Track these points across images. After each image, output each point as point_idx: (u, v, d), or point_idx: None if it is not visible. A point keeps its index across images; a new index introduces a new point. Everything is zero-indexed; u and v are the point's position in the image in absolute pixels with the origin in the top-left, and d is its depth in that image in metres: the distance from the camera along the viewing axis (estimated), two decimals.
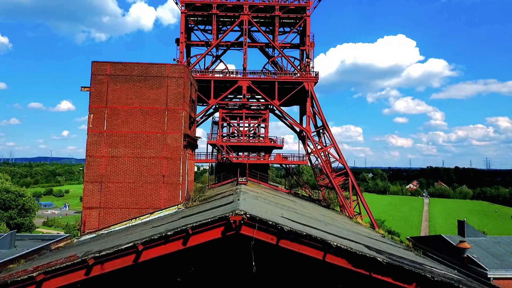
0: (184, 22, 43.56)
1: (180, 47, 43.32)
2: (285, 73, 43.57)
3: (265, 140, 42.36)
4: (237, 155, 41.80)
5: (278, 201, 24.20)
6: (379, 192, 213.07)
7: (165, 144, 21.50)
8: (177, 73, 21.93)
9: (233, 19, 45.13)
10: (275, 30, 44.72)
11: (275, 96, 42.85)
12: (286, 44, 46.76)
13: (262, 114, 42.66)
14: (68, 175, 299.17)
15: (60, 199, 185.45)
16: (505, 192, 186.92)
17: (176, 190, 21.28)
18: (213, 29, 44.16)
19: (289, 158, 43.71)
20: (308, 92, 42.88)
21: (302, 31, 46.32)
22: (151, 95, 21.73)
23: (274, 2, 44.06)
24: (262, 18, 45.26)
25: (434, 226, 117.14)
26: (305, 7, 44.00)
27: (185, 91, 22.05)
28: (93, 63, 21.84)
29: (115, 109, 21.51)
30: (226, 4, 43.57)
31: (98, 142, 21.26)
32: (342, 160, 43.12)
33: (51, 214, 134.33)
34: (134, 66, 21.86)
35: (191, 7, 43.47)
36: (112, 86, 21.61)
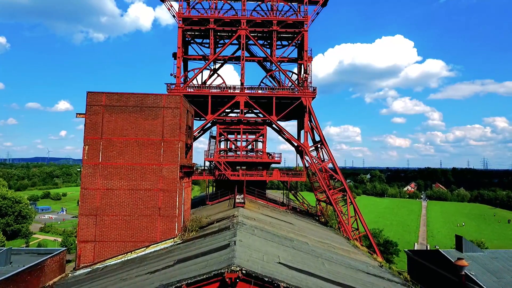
0: (181, 36, 43.25)
1: (177, 62, 43.02)
2: (283, 88, 43.36)
3: (263, 155, 42.16)
4: (234, 171, 41.54)
5: (276, 229, 23.99)
6: (377, 194, 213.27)
7: (161, 176, 21.26)
8: (173, 103, 21.69)
9: (230, 33, 44.89)
10: (272, 44, 44.49)
11: (273, 110, 42.65)
12: (284, 59, 46.56)
13: (259, 129, 42.44)
14: (65, 177, 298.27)
15: (57, 202, 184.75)
16: (503, 195, 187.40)
17: (172, 222, 21.05)
18: (211, 43, 43.87)
19: (288, 174, 43.52)
20: (306, 108, 42.70)
21: (300, 45, 46.12)
22: (147, 126, 21.48)
23: (271, 17, 43.83)
24: (260, 32, 45.02)
25: (432, 231, 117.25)
26: (303, 21, 43.78)
27: (181, 121, 21.81)
28: (88, 94, 21.57)
29: (110, 141, 21.25)
30: (223, 19, 43.32)
31: (93, 174, 21.00)
32: (340, 176, 42.97)
33: (48, 219, 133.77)
34: (129, 96, 21.61)
35: (188, 21, 43.18)
36: (107, 117, 21.35)
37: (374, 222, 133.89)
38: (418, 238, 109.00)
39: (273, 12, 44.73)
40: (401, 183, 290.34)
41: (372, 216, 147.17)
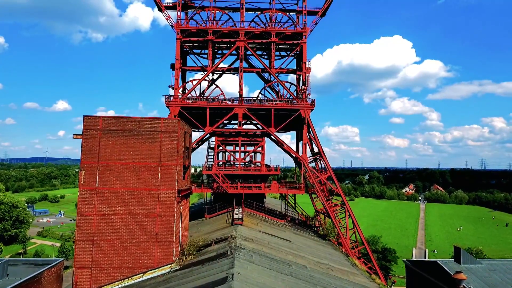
0: (180, 47, 43.02)
1: (175, 73, 42.80)
2: (282, 100, 43.21)
3: (261, 168, 42.00)
4: (232, 184, 41.39)
5: (274, 252, 23.83)
6: (376, 196, 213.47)
7: (158, 201, 21.09)
8: (171, 127, 21.51)
9: (229, 44, 44.72)
10: (271, 55, 44.32)
11: (271, 122, 42.51)
12: (283, 70, 46.39)
13: (258, 141, 42.29)
14: (63, 178, 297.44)
15: (55, 205, 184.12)
16: (500, 197, 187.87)
17: (169, 248, 20.89)
18: (209, 55, 43.70)
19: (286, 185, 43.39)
20: (304, 120, 42.56)
21: (299, 55, 45.96)
22: (144, 150, 21.30)
23: (270, 28, 43.67)
24: (259, 43, 44.85)
25: (430, 235, 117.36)
26: (302, 33, 43.64)
27: (178, 145, 21.64)
28: (85, 118, 21.37)
29: (107, 165, 21.07)
30: (222, 30, 43.12)
31: (90, 199, 20.81)
32: (338, 189, 42.85)
33: (46, 223, 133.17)
34: (126, 120, 21.41)
35: (186, 33, 42.97)
36: (104, 141, 21.16)
37: (372, 225, 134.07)
38: (416, 243, 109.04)
39: (272, 23, 44.59)
40: (400, 185, 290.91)
41: (370, 219, 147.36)
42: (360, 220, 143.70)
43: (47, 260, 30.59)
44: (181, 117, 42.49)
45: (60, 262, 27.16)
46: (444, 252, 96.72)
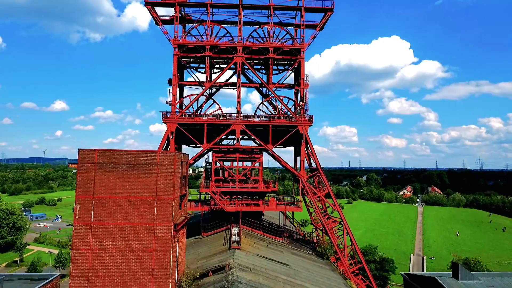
0: (177, 63, 42.71)
1: (172, 89, 42.50)
2: (279, 116, 42.97)
3: (259, 184, 41.77)
4: (230, 200, 41.19)
5: (272, 282, 23.62)
6: (374, 199, 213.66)
7: (154, 235, 20.83)
8: (167, 160, 21.24)
9: (226, 60, 44.46)
10: (269, 70, 44.08)
11: (269, 138, 42.31)
12: (281, 85, 46.14)
13: (255, 158, 42.04)
14: (61, 179, 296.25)
15: (52, 208, 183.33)
16: (498, 200, 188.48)
17: (166, 283, 20.62)
18: (206, 70, 43.41)
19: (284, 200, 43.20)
20: (302, 136, 42.36)
21: (297, 70, 45.73)
22: (140, 184, 21.02)
23: (268, 43, 43.41)
24: (256, 59, 44.60)
25: (428, 241, 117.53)
26: (299, 49, 43.41)
27: (175, 179, 21.37)
28: (80, 151, 21.07)
29: (102, 199, 20.78)
30: (219, 46, 42.84)
31: (85, 234, 20.52)
32: (336, 207, 42.67)
33: (43, 228, 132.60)
34: (122, 154, 21.12)
35: (183, 48, 42.66)
36: (99, 175, 20.87)
37: (370, 230, 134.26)
38: (414, 248, 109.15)
39: (270, 38, 44.32)
40: (397, 186, 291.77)
41: (368, 223, 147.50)
42: (358, 224, 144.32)
43: (43, 275, 30.31)
44: (178, 133, 42.26)
45: (56, 277, 26.89)
46: (441, 259, 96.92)
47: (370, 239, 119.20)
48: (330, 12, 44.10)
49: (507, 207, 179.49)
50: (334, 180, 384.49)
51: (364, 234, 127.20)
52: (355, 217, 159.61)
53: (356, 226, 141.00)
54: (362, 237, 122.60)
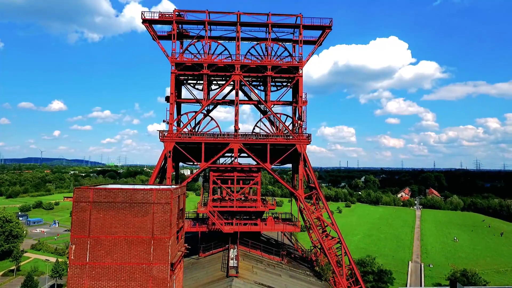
0: (174, 81, 42.42)
1: (170, 108, 42.21)
2: (277, 135, 42.74)
3: (256, 204, 41.55)
4: (228, 220, 40.99)
5: None
6: (372, 202, 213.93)
7: (151, 276, 20.57)
8: (164, 198, 20.97)
9: (224, 77, 44.21)
10: (267, 88, 43.87)
11: (267, 156, 42.11)
12: (279, 102, 45.94)
13: (254, 176, 41.84)
14: (58, 181, 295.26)
15: (49, 212, 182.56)
16: (495, 204, 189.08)
17: None
18: (204, 88, 43.14)
19: (281, 218, 42.98)
20: (300, 154, 42.17)
21: (295, 87, 45.52)
22: (136, 222, 20.75)
23: (266, 61, 43.17)
24: (254, 77, 44.36)
25: (426, 247, 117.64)
26: (298, 67, 43.19)
27: (172, 217, 21.11)
28: (75, 190, 20.80)
29: (98, 239, 20.50)
30: (217, 64, 42.57)
31: (81, 275, 20.26)
32: (335, 227, 42.48)
33: (41, 234, 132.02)
34: (118, 192, 20.85)
35: (181, 66, 42.38)
36: (95, 214, 20.59)
37: (368, 235, 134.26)
38: (412, 255, 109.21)
39: (268, 56, 44.07)
40: (395, 189, 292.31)
41: (366, 228, 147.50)
42: (357, 229, 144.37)
43: None
44: (176, 151, 41.98)
45: None
46: (439, 266, 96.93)
47: (368, 245, 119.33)
48: (328, 29, 43.90)
49: (505, 210, 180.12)
50: (332, 182, 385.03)
51: (362, 240, 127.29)
52: (353, 221, 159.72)
53: (354, 231, 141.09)
54: (360, 243, 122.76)
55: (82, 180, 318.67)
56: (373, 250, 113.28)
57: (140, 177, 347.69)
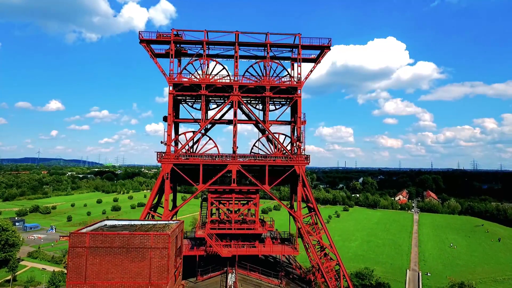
0: (172, 102, 42.05)
1: (167, 129, 41.84)
2: (275, 157, 42.47)
3: (255, 225, 41.26)
4: (226, 241, 40.72)
5: None
6: (370, 206, 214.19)
7: None
8: (161, 243, 20.70)
9: (222, 98, 43.89)
10: (265, 108, 43.58)
11: (265, 177, 41.83)
12: (277, 122, 45.65)
13: (252, 198, 41.53)
14: (55, 184, 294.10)
15: (46, 216, 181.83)
16: (492, 208, 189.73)
17: None
18: (202, 108, 42.82)
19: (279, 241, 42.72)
20: (299, 176, 41.92)
21: (293, 107, 45.24)
22: (133, 268, 20.47)
23: (264, 82, 42.86)
24: (253, 97, 44.07)
25: (423, 253, 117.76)
26: (296, 87, 42.91)
27: (169, 263, 20.83)
28: (71, 235, 20.48)
29: (94, 285, 20.21)
30: (215, 85, 42.23)
31: None
32: (333, 249, 42.27)
33: (37, 240, 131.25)
34: (115, 237, 20.55)
35: (179, 87, 42.01)
36: (91, 260, 20.29)
37: (366, 241, 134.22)
38: (410, 263, 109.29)
39: (267, 75, 43.76)
40: (393, 191, 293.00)
41: (364, 233, 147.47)
42: (355, 234, 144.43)
43: None
44: (173, 173, 41.65)
45: None
46: (437, 275, 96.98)
47: (366, 252, 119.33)
48: (327, 49, 43.66)
49: (502, 214, 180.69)
50: (330, 183, 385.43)
51: (360, 246, 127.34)
52: (351, 226, 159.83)
53: (352, 237, 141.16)
54: (358, 250, 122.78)
55: (79, 182, 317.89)
56: (371, 258, 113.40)
57: (138, 179, 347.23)
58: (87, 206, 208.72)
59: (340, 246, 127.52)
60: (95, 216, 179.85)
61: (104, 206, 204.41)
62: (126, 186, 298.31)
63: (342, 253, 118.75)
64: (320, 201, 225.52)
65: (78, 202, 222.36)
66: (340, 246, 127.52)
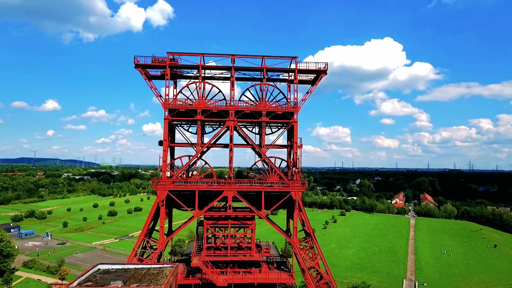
0: (168, 127, 41.70)
1: (163, 155, 41.49)
2: (271, 183, 42.22)
3: (251, 252, 41.04)
4: (222, 269, 40.50)
5: None
6: (367, 210, 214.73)
7: None
8: None
9: (218, 123, 43.61)
10: (262, 132, 43.31)
11: (261, 202, 41.62)
12: (274, 147, 45.40)
13: (248, 224, 41.32)
14: (52, 186, 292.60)
15: (42, 222, 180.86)
16: (488, 213, 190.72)
17: None
18: (198, 133, 42.49)
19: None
20: (295, 202, 41.72)
21: (290, 132, 45.00)
22: None
23: (261, 106, 42.58)
24: (249, 122, 43.81)
25: (420, 262, 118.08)
26: (293, 112, 42.69)
27: None
28: None
29: None
30: (211, 110, 41.92)
31: None
32: (329, 276, 42.12)
33: (33, 247, 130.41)
34: None
35: (175, 112, 41.67)
36: None
37: (363, 249, 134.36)
38: (406, 271, 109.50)
39: (263, 100, 43.48)
40: (390, 193, 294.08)
41: (361, 240, 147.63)
42: (351, 241, 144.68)
43: None
44: (169, 199, 41.35)
45: None
46: (433, 285, 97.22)
47: (363, 260, 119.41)
48: (323, 74, 43.47)
49: (497, 219, 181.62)
50: (327, 185, 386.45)
51: (357, 254, 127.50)
52: (348, 232, 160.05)
53: (349, 244, 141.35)
54: (355, 258, 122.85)
55: (75, 185, 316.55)
56: (367, 266, 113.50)
57: (134, 181, 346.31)
58: (83, 210, 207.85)
59: (337, 254, 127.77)
60: (91, 221, 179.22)
61: (101, 210, 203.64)
62: (122, 189, 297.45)
63: (339, 261, 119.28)
64: (317, 205, 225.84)
65: (74, 206, 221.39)
66: (337, 254, 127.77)
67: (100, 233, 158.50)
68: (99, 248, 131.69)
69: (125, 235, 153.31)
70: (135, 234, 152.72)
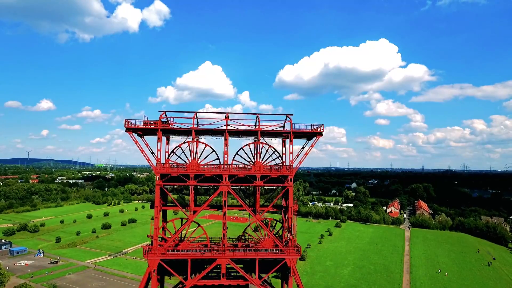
0: (159, 193, 40.53)
1: (154, 222, 40.31)
2: (266, 250, 41.24)
3: None
4: None
5: None
6: (362, 220, 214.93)
7: None
8: None
9: (212, 188, 42.48)
10: (256, 195, 42.27)
11: (255, 268, 40.66)
12: (268, 208, 44.39)
13: None
14: (45, 193, 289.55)
15: (35, 235, 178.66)
16: (482, 224, 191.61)
17: None
18: (191, 197, 41.33)
19: None
20: (290, 269, 40.80)
21: (285, 195, 43.99)
22: None
23: (255, 170, 41.50)
24: (243, 187, 42.75)
25: (415, 282, 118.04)
26: (287, 176, 41.66)
27: None
28: None
29: None
30: (204, 174, 40.78)
31: None
32: None
33: (24, 267, 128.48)
34: None
35: (167, 177, 40.48)
36: None
37: (359, 267, 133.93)
38: None
39: (258, 156, 42.46)
40: (385, 200, 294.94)
41: (356, 256, 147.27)
42: (347, 258, 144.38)
43: None
44: (160, 268, 40.21)
45: None
46: None
47: (358, 281, 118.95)
48: (319, 135, 42.50)
49: (491, 231, 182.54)
50: (323, 189, 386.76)
51: (352, 274, 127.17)
52: (343, 247, 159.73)
53: (344, 262, 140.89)
54: (350, 278, 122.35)
55: (69, 191, 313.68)
56: None
57: (129, 186, 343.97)
58: (76, 222, 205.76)
59: (333, 274, 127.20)
60: (85, 235, 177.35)
61: (94, 223, 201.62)
62: (117, 196, 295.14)
63: (335, 283, 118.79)
64: (313, 215, 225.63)
65: (68, 217, 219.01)
66: (333, 274, 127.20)
67: (93, 248, 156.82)
68: (92, 267, 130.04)
69: (119, 251, 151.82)
70: (129, 250, 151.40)
